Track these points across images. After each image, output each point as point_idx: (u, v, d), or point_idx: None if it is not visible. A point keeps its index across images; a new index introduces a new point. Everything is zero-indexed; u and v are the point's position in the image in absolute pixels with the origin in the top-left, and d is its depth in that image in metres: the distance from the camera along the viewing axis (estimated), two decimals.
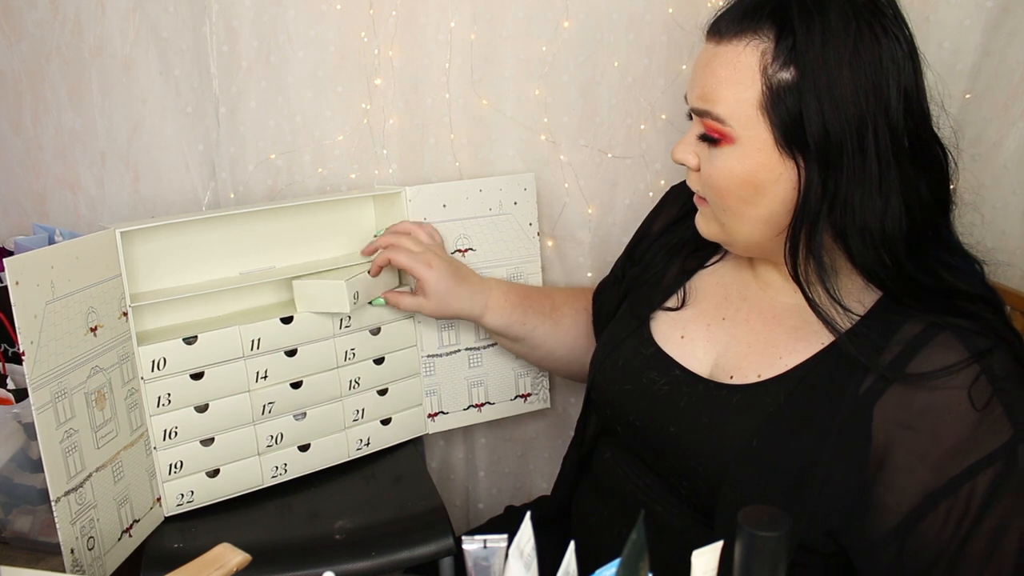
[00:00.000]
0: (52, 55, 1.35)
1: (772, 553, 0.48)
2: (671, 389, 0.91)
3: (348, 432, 1.21)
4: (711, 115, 0.81)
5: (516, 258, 1.32)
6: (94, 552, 0.94)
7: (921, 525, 0.75)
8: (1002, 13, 1.08)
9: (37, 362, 0.87)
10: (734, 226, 0.85)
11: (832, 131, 0.76)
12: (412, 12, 1.29)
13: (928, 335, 0.76)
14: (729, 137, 0.80)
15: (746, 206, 0.82)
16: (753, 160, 0.80)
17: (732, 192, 0.82)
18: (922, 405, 0.75)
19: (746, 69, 0.78)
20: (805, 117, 0.76)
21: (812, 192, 0.78)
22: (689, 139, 0.86)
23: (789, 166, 0.79)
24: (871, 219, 0.77)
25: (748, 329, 0.90)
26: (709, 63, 0.82)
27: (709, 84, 0.81)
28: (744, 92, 0.79)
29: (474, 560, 0.62)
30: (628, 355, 0.97)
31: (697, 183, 0.87)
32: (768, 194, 0.81)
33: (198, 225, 1.15)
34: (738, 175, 0.81)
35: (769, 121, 0.78)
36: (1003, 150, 1.11)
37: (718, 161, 0.82)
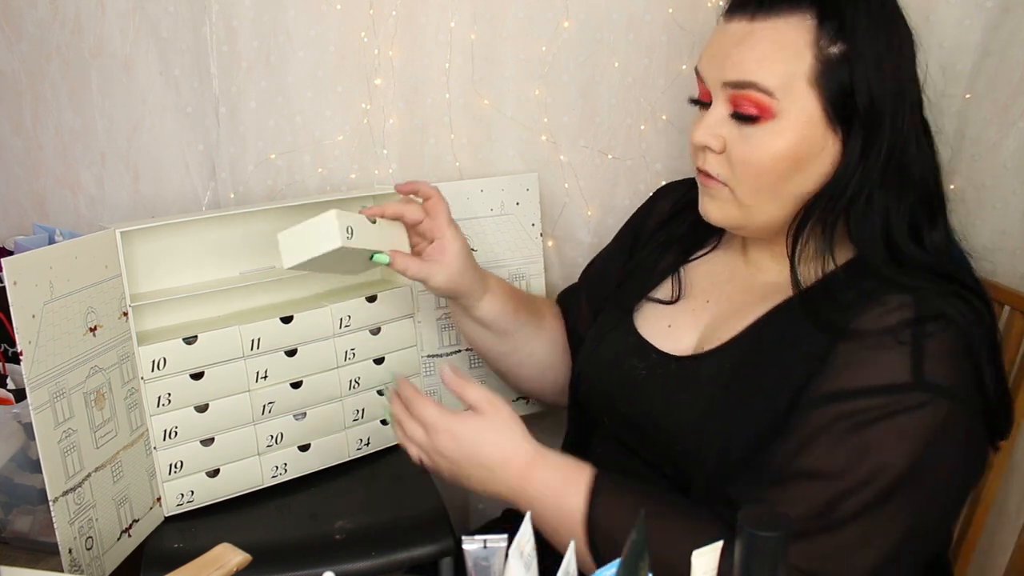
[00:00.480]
0: (52, 55, 1.35)
1: (772, 553, 0.48)
2: (648, 372, 0.92)
3: (348, 432, 1.21)
4: (756, 87, 0.80)
5: (518, 259, 1.32)
6: (92, 552, 0.94)
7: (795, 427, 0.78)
8: (1002, 13, 1.08)
9: (35, 362, 0.87)
10: (762, 206, 0.84)
11: (877, 103, 0.79)
12: (412, 12, 1.29)
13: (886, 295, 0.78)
14: (770, 111, 0.80)
15: (782, 183, 0.82)
16: (796, 134, 0.80)
17: (772, 170, 0.81)
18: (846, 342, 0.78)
19: (793, 44, 0.79)
20: (856, 89, 0.78)
21: (852, 165, 0.80)
22: (711, 121, 0.84)
23: (831, 140, 0.81)
24: (879, 192, 0.81)
25: (728, 306, 0.92)
26: (744, 39, 0.81)
27: (749, 58, 0.80)
28: (793, 65, 0.79)
29: (474, 560, 0.62)
30: (611, 346, 0.98)
31: (720, 166, 0.85)
32: (807, 169, 0.82)
33: (198, 225, 1.15)
34: (780, 151, 0.80)
35: (819, 93, 0.79)
36: (1003, 150, 1.11)
37: (755, 139, 0.81)
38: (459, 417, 0.87)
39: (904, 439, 0.74)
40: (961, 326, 0.76)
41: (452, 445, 0.87)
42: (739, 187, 0.84)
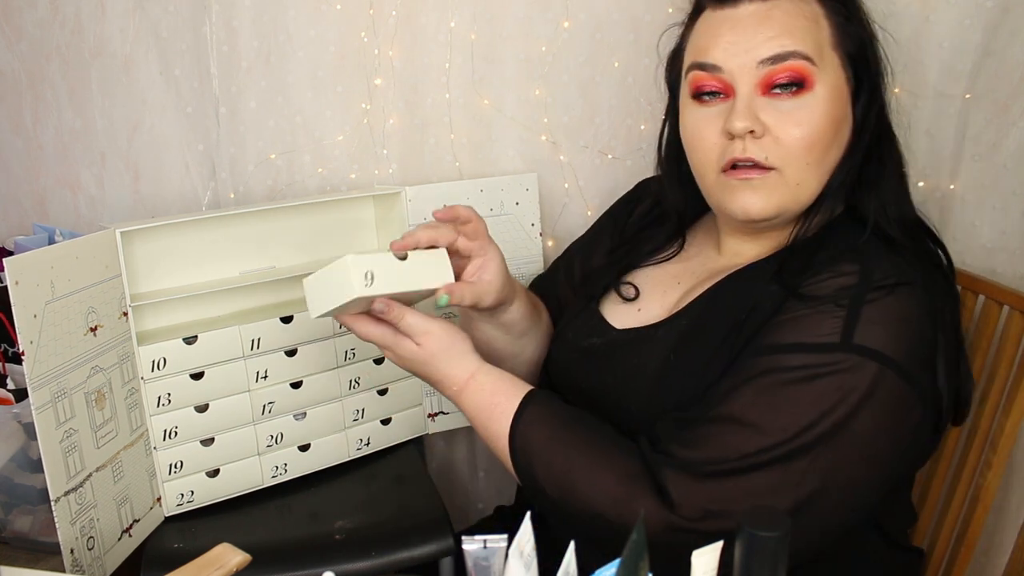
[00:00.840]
0: (52, 55, 1.35)
1: (772, 553, 0.48)
2: (608, 346, 0.95)
3: (348, 432, 1.21)
4: (798, 55, 0.81)
5: (518, 259, 1.32)
6: (94, 552, 0.94)
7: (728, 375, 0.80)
8: (1002, 13, 1.08)
9: (37, 362, 0.87)
10: (810, 182, 0.84)
11: (876, 65, 0.86)
12: (412, 12, 1.29)
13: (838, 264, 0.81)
14: (811, 80, 0.82)
15: (827, 152, 0.84)
16: (834, 99, 0.83)
17: (821, 139, 0.82)
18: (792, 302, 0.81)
19: (811, 15, 0.83)
20: (866, 51, 0.85)
21: (867, 122, 0.85)
22: (744, 105, 0.82)
23: (850, 104, 0.85)
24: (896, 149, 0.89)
25: (696, 283, 0.94)
26: (768, 16, 0.83)
27: (783, 30, 0.82)
28: (820, 33, 0.83)
29: (474, 560, 0.62)
30: (576, 328, 1.01)
31: (766, 149, 0.82)
32: (841, 134, 0.85)
33: (198, 225, 1.15)
34: (825, 117, 0.82)
35: (841, 57, 0.84)
36: (1003, 150, 1.11)
37: (802, 112, 0.82)
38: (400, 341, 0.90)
39: (824, 400, 0.75)
40: (908, 293, 0.78)
41: (404, 357, 0.92)
42: (790, 166, 0.83)
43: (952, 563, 1.03)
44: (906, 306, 0.78)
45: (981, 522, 1.00)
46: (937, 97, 1.14)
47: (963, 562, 1.02)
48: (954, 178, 1.15)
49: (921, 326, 0.78)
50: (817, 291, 0.80)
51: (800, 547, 0.75)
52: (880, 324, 0.77)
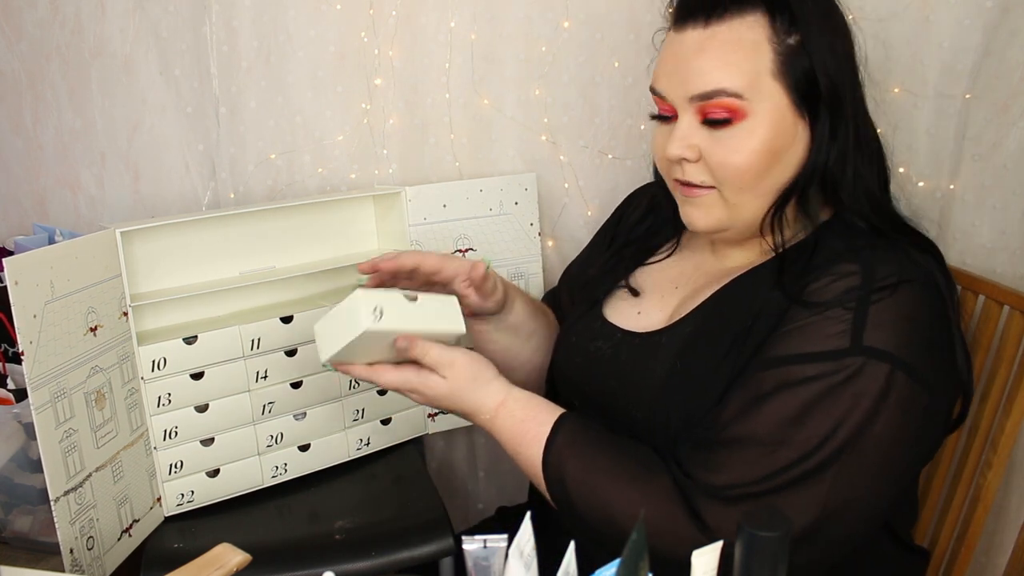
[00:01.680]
0: (52, 55, 1.35)
1: (772, 553, 0.48)
2: (613, 350, 0.95)
3: (348, 432, 1.21)
4: (726, 92, 0.81)
5: (517, 258, 1.32)
6: (93, 552, 0.94)
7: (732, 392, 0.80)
8: (1002, 13, 1.08)
9: (36, 362, 0.87)
10: (747, 203, 0.86)
11: (836, 84, 0.83)
12: (412, 12, 1.29)
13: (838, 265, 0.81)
14: (742, 112, 0.82)
15: (763, 179, 0.84)
16: (770, 129, 0.82)
17: (753, 167, 0.83)
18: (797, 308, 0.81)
19: (751, 43, 0.82)
20: (817, 73, 0.82)
21: (823, 146, 0.84)
22: (683, 133, 0.85)
23: (802, 127, 0.84)
24: (862, 165, 0.85)
25: (694, 288, 0.94)
26: (703, 47, 0.83)
27: (713, 65, 0.82)
28: (755, 63, 0.82)
29: (474, 560, 0.62)
30: (579, 332, 1.01)
31: (700, 173, 0.86)
32: (784, 159, 0.84)
33: (198, 225, 1.15)
34: (757, 147, 0.82)
35: (784, 85, 0.82)
36: (1003, 150, 1.11)
37: (733, 141, 0.83)
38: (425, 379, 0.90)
39: (840, 408, 0.75)
40: (911, 291, 0.78)
41: (433, 395, 0.91)
42: (725, 189, 0.85)
43: (952, 563, 1.03)
44: (911, 304, 0.78)
45: (981, 522, 1.00)
46: (937, 97, 1.14)
47: (963, 562, 1.02)
48: (954, 178, 1.15)
49: (926, 323, 0.79)
50: (821, 296, 0.80)
51: (831, 554, 0.78)
52: (888, 324, 0.77)
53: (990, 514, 1.02)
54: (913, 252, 0.83)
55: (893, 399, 0.75)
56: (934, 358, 0.79)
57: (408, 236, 1.23)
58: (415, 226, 1.24)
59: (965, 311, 1.06)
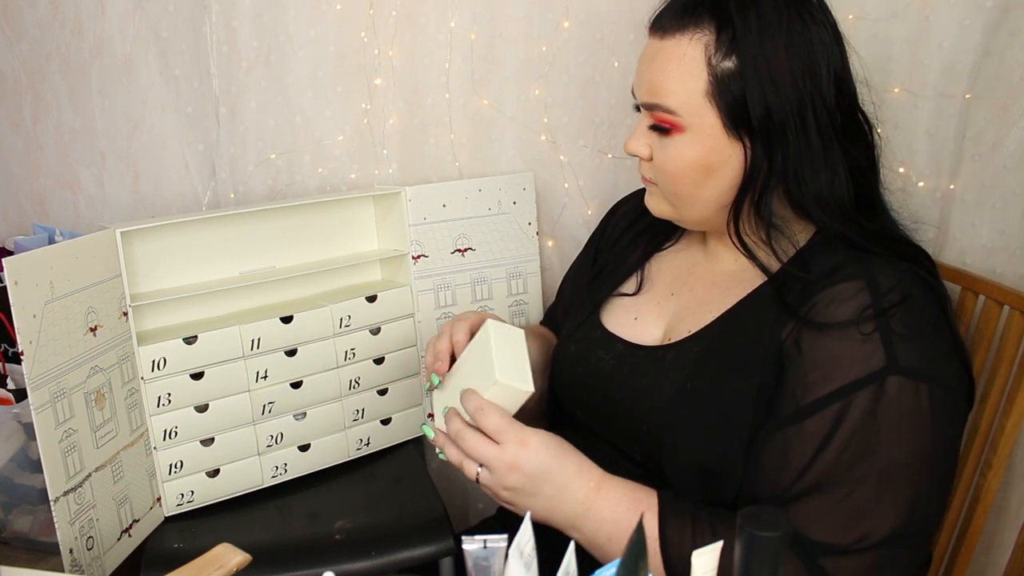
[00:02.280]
0: (52, 55, 1.35)
1: (772, 553, 0.48)
2: (616, 362, 0.95)
3: (348, 432, 1.21)
4: (661, 107, 0.85)
5: (515, 258, 1.32)
6: (93, 552, 0.94)
7: (783, 441, 0.79)
8: (1002, 13, 1.08)
9: (36, 362, 0.87)
10: (686, 208, 0.90)
11: (774, 111, 0.82)
12: (412, 12, 1.29)
13: (843, 280, 0.81)
14: (679, 126, 0.85)
15: (697, 188, 0.87)
16: (704, 145, 0.85)
17: (685, 177, 0.87)
18: (812, 334, 0.80)
19: (691, 61, 0.83)
20: (748, 101, 0.82)
21: (757, 169, 0.84)
22: (640, 131, 0.90)
23: (736, 148, 0.84)
24: (823, 188, 0.84)
25: (692, 297, 0.95)
26: (654, 58, 0.86)
27: (657, 78, 0.86)
28: (691, 83, 0.83)
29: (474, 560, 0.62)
30: (579, 341, 1.01)
31: (649, 171, 0.91)
32: (717, 175, 0.86)
33: (198, 225, 1.15)
34: (690, 161, 0.85)
35: (716, 108, 0.83)
36: (1003, 150, 1.11)
37: (670, 149, 0.86)
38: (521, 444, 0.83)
39: (899, 429, 0.76)
40: (914, 298, 0.79)
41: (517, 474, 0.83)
42: (664, 189, 0.90)
43: (952, 563, 1.03)
44: (922, 315, 0.79)
45: (981, 522, 1.00)
46: (937, 97, 1.14)
47: (963, 562, 1.02)
48: (954, 178, 1.15)
49: (939, 330, 0.80)
50: (830, 318, 0.79)
51: None
52: (909, 338, 0.78)
53: (990, 514, 1.02)
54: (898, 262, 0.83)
55: (937, 411, 0.77)
56: (951, 364, 0.80)
57: (408, 236, 1.24)
58: (415, 226, 1.24)
59: (965, 311, 1.06)
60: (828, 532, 0.76)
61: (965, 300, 1.06)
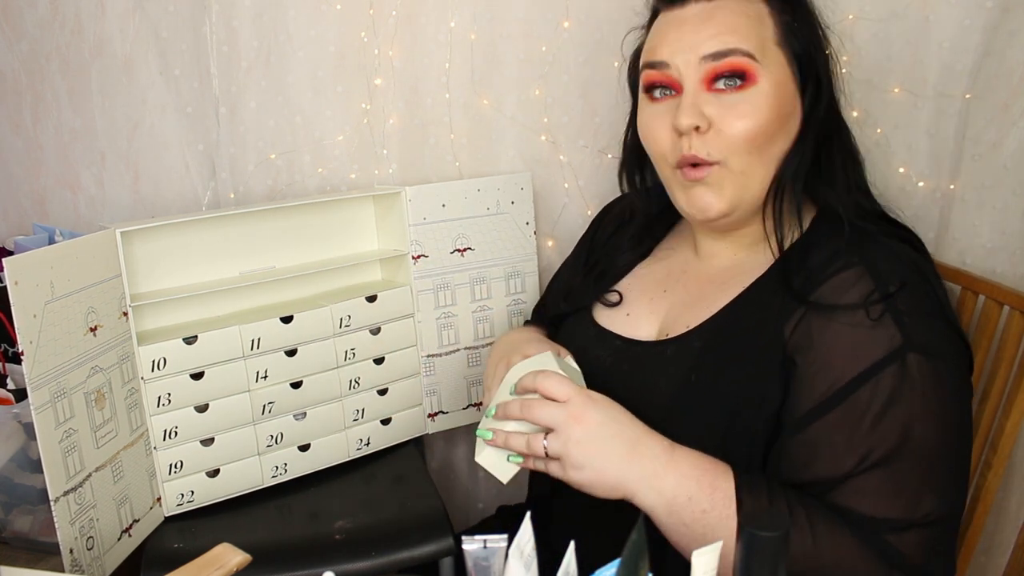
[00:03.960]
0: (52, 55, 1.35)
1: (772, 553, 0.48)
2: (614, 358, 0.96)
3: (348, 432, 1.21)
4: (739, 51, 0.84)
5: (513, 257, 1.32)
6: (93, 552, 0.94)
7: (814, 433, 0.79)
8: (1002, 13, 1.08)
9: (36, 362, 0.87)
10: (756, 171, 0.86)
11: (820, 65, 0.87)
12: (412, 12, 1.29)
13: (843, 267, 0.82)
14: (753, 76, 0.84)
15: (771, 144, 0.86)
16: (778, 93, 0.85)
17: (762, 131, 0.84)
18: (822, 322, 0.81)
19: (756, 14, 0.86)
20: (813, 50, 0.87)
21: (814, 120, 0.87)
22: (691, 102, 0.84)
23: (797, 98, 0.87)
24: (839, 151, 0.89)
25: (685, 293, 0.95)
26: (712, 16, 0.85)
27: (724, 30, 0.84)
28: (764, 31, 0.86)
29: (474, 560, 0.62)
30: (572, 339, 1.02)
31: (709, 144, 0.84)
32: (786, 126, 0.87)
33: (198, 225, 1.15)
34: (769, 110, 0.84)
35: (787, 54, 0.86)
36: (1003, 150, 1.11)
37: (743, 104, 0.84)
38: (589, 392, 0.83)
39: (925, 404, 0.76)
40: (912, 279, 0.80)
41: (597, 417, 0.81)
42: (733, 156, 0.85)
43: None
44: (921, 294, 0.80)
45: (981, 522, 1.00)
46: (937, 97, 1.14)
47: (963, 562, 1.02)
48: (954, 178, 1.15)
49: (937, 307, 0.81)
50: (836, 300, 0.80)
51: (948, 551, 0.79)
52: (917, 315, 0.79)
53: (990, 514, 1.02)
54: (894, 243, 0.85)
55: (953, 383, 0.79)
56: (955, 340, 0.81)
57: (408, 236, 1.24)
58: (415, 226, 1.24)
59: (965, 311, 1.06)
60: (886, 508, 0.76)
61: (965, 300, 1.06)
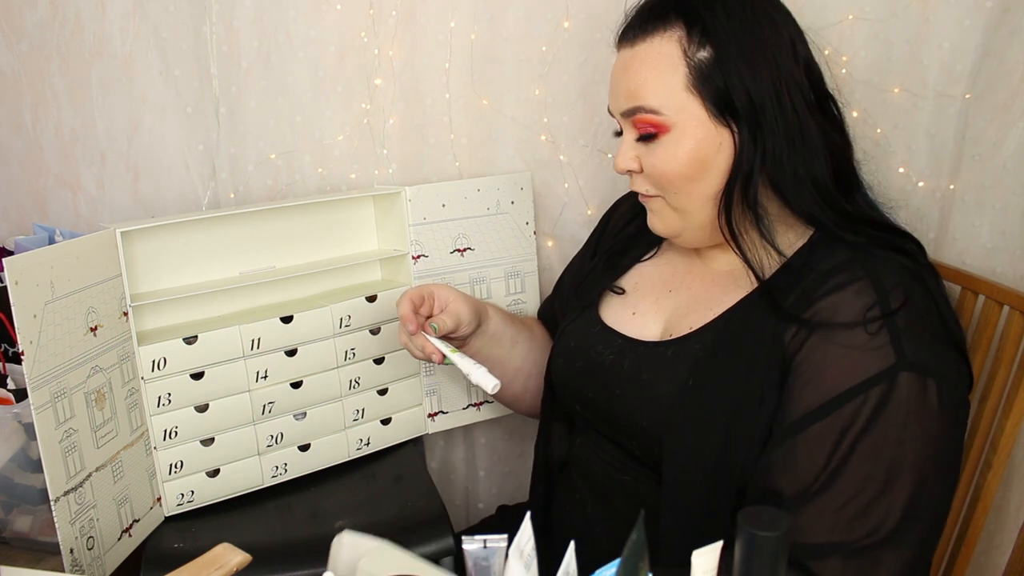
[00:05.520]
0: (52, 55, 1.34)
1: (772, 553, 0.48)
2: (616, 357, 0.96)
3: (348, 432, 1.21)
4: (644, 109, 0.87)
5: (513, 257, 1.32)
6: (93, 552, 0.94)
7: (796, 444, 0.79)
8: (1002, 13, 1.08)
9: (36, 362, 0.87)
10: (690, 207, 0.90)
11: (754, 93, 0.84)
12: (412, 12, 1.29)
13: (846, 280, 0.82)
14: (664, 126, 0.86)
15: (695, 184, 0.88)
16: (693, 138, 0.86)
17: (681, 174, 0.87)
18: (819, 335, 0.81)
19: (667, 58, 0.86)
20: (730, 86, 0.84)
21: (745, 152, 0.86)
22: (626, 148, 0.91)
23: (724, 135, 0.86)
24: (801, 166, 0.86)
25: (690, 295, 0.96)
26: (627, 65, 0.89)
27: (633, 83, 0.88)
28: (671, 78, 0.86)
29: (474, 560, 0.62)
30: (578, 336, 1.02)
31: (644, 183, 0.92)
32: (712, 166, 0.87)
33: (198, 225, 1.15)
34: (683, 156, 0.86)
35: (700, 97, 0.85)
36: (1003, 150, 1.11)
37: (660, 151, 0.88)
38: None
39: (907, 425, 0.76)
40: (914, 295, 0.80)
41: None
42: (666, 194, 0.90)
43: (952, 563, 1.03)
44: (922, 311, 0.80)
45: (981, 522, 1.00)
46: (937, 97, 1.14)
47: (963, 562, 1.02)
48: (954, 178, 1.15)
49: (938, 324, 0.81)
50: (835, 317, 0.80)
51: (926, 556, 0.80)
52: (915, 334, 0.78)
53: (990, 514, 1.02)
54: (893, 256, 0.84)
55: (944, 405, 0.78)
56: (952, 357, 0.81)
57: (408, 236, 1.24)
58: (415, 226, 1.24)
59: (965, 311, 1.06)
60: (836, 531, 0.76)
61: (965, 300, 1.06)
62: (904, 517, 0.76)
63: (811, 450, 0.78)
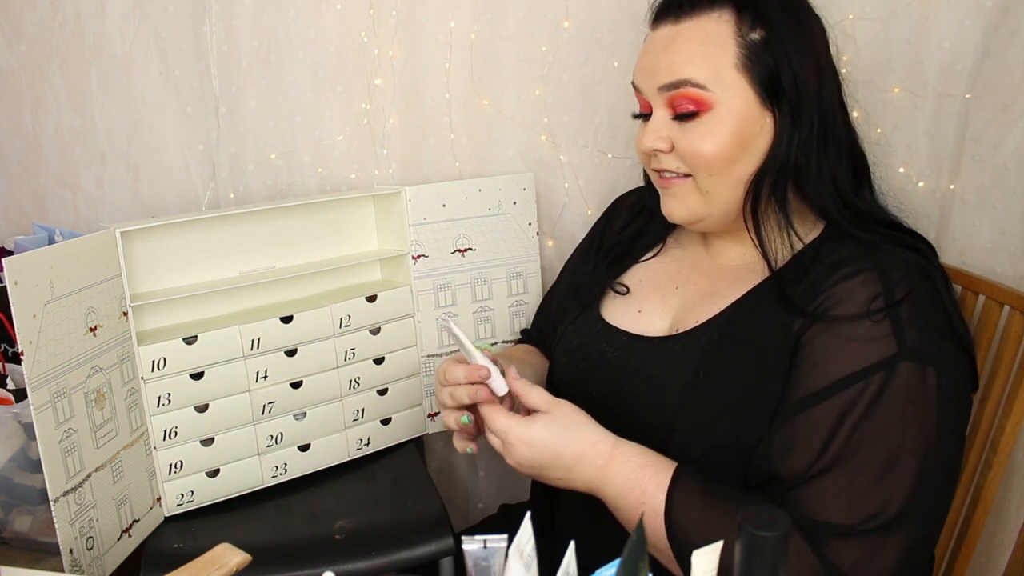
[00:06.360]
0: (52, 55, 1.35)
1: (772, 553, 0.48)
2: (621, 354, 0.96)
3: (348, 432, 1.21)
4: (691, 83, 0.86)
5: (515, 258, 1.32)
6: (93, 552, 0.94)
7: (795, 426, 0.79)
8: (1002, 13, 1.08)
9: (36, 362, 0.87)
10: (720, 191, 0.89)
11: (800, 80, 0.85)
12: (412, 12, 1.29)
13: (853, 271, 0.82)
14: (707, 103, 0.86)
15: (733, 165, 0.87)
16: (737, 117, 0.86)
17: (721, 153, 0.86)
18: (823, 324, 0.81)
19: (717, 37, 0.86)
20: (780, 69, 0.85)
21: (785, 138, 0.86)
22: (657, 126, 0.89)
23: (767, 118, 0.87)
24: (824, 160, 0.87)
25: (696, 290, 0.96)
26: (672, 42, 0.88)
27: (679, 58, 0.87)
28: (721, 56, 0.85)
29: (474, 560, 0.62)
30: (580, 334, 1.02)
31: (674, 161, 0.90)
32: (752, 147, 0.87)
33: (198, 225, 1.15)
34: (726, 135, 0.86)
35: (749, 78, 0.85)
36: (1003, 150, 1.11)
37: (700, 129, 0.87)
38: (529, 421, 0.86)
39: (905, 413, 0.76)
40: (920, 288, 0.80)
41: (528, 453, 0.85)
42: (698, 176, 0.89)
43: (952, 563, 1.03)
44: (927, 304, 0.80)
45: (981, 522, 1.00)
46: (937, 97, 1.14)
47: (963, 562, 1.02)
48: (954, 178, 1.15)
49: (943, 318, 0.81)
50: (842, 310, 0.80)
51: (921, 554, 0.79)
52: (919, 324, 0.79)
53: (990, 514, 1.02)
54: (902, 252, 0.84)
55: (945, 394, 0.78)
56: (955, 350, 0.82)
57: (408, 236, 1.24)
58: (415, 226, 1.24)
59: (965, 311, 1.06)
60: (834, 513, 0.77)
61: (965, 300, 1.06)
62: (904, 506, 0.76)
63: (809, 433, 0.79)
